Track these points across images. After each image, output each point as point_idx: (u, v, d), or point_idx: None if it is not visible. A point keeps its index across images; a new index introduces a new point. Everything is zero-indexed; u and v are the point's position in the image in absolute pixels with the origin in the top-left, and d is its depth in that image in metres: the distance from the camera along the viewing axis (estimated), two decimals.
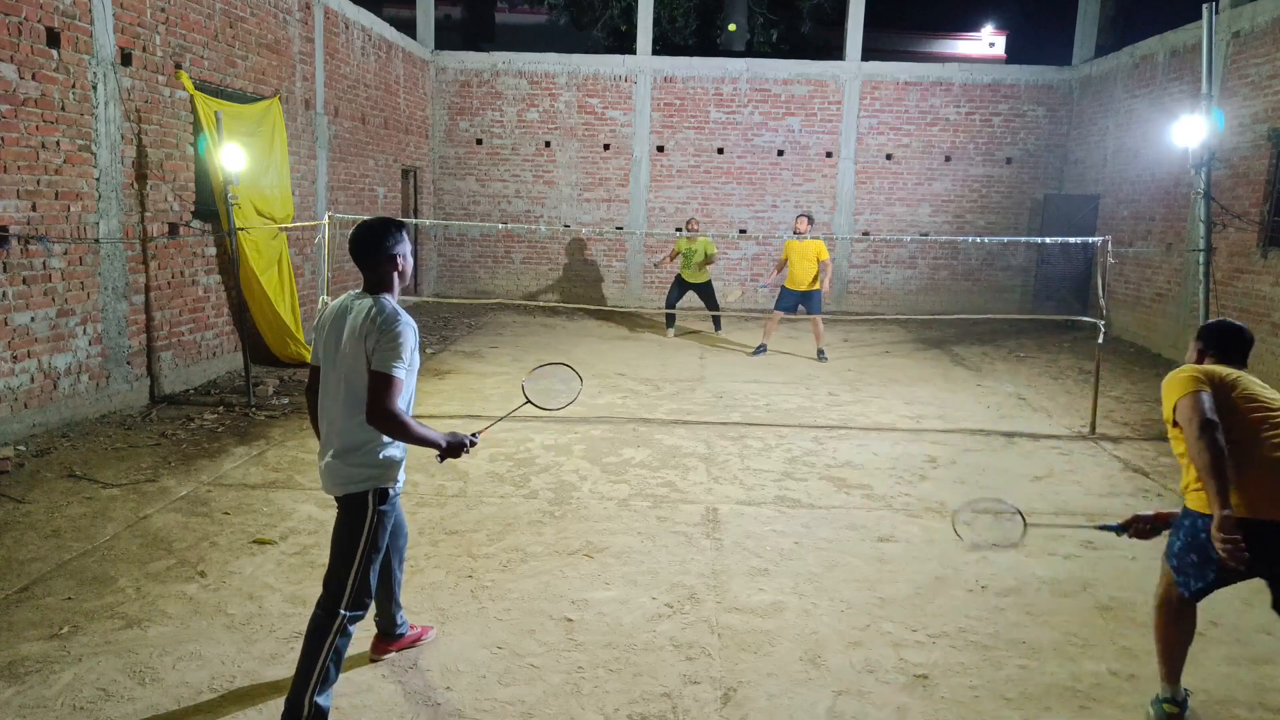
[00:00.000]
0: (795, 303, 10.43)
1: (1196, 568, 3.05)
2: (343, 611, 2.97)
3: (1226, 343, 3.29)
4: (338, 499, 3.04)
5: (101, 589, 4.06)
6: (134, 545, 4.56)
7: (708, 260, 11.56)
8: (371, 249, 2.94)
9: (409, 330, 2.88)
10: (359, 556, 2.99)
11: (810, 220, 10.32)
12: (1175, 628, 3.22)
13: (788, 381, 9.21)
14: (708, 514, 5.27)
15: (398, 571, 3.50)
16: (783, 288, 10.55)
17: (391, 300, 2.96)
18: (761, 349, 10.82)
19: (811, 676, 3.51)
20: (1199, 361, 3.31)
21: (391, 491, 3.05)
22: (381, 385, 2.81)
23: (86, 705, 3.17)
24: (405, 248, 2.99)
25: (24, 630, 3.67)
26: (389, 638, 3.57)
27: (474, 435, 3.11)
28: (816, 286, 10.31)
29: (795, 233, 10.25)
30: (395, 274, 2.98)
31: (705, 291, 11.72)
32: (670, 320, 12.08)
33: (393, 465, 3.03)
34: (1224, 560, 2.82)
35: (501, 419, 3.85)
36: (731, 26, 13.14)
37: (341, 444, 2.96)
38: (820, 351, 10.54)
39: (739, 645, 3.74)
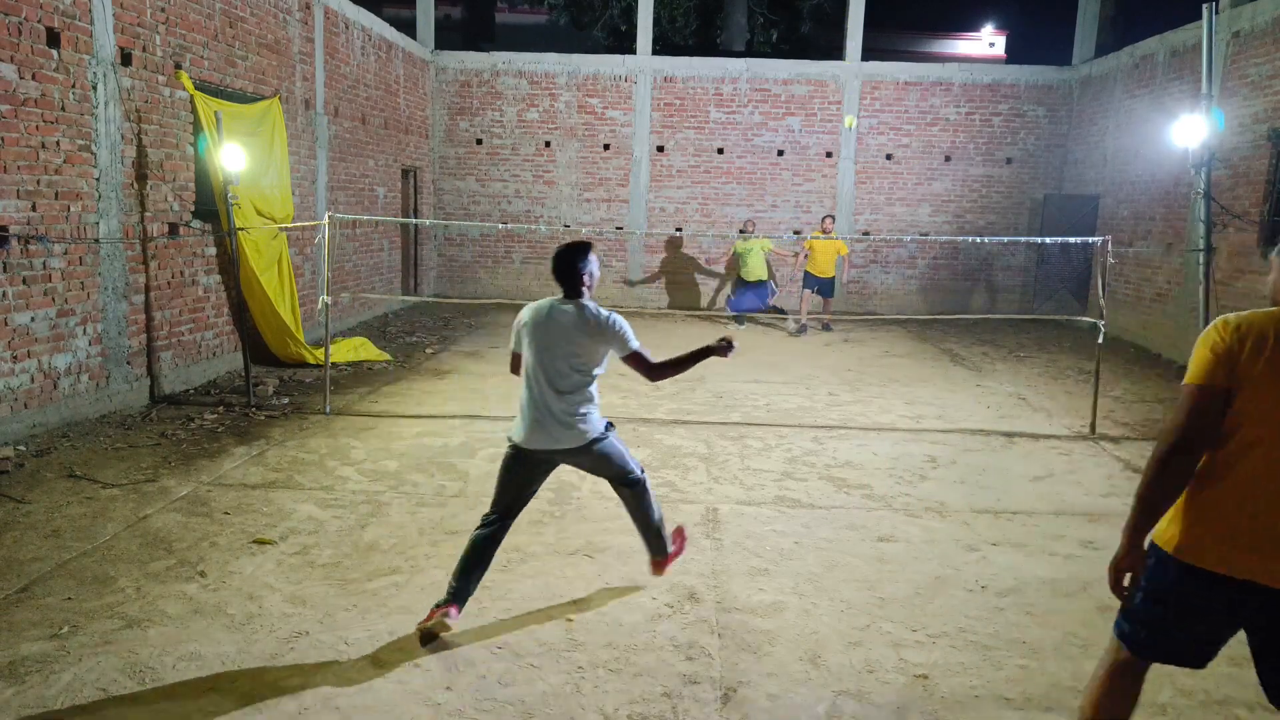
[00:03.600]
0: (816, 285, 12.49)
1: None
2: (642, 476, 4.06)
3: None
4: (578, 449, 3.81)
5: (101, 589, 4.06)
6: (134, 545, 4.56)
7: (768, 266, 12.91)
8: (570, 267, 3.80)
9: (623, 319, 3.82)
10: (625, 452, 4.01)
11: (834, 219, 12.99)
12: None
13: (788, 381, 9.21)
14: (708, 514, 5.27)
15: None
16: (807, 272, 12.51)
17: (593, 303, 3.83)
18: (803, 329, 12.40)
19: (811, 676, 3.51)
20: None
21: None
22: (641, 358, 3.80)
23: (86, 705, 3.16)
24: (594, 266, 3.86)
25: (24, 630, 3.67)
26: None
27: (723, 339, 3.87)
28: (833, 274, 12.52)
29: (822, 231, 12.45)
30: (585, 286, 3.84)
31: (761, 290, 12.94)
32: (740, 320, 13.23)
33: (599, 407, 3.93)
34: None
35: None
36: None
37: (569, 410, 3.75)
38: (826, 325, 12.75)
39: (739, 645, 3.74)
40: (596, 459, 3.91)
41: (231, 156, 7.24)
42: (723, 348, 3.77)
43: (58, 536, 4.63)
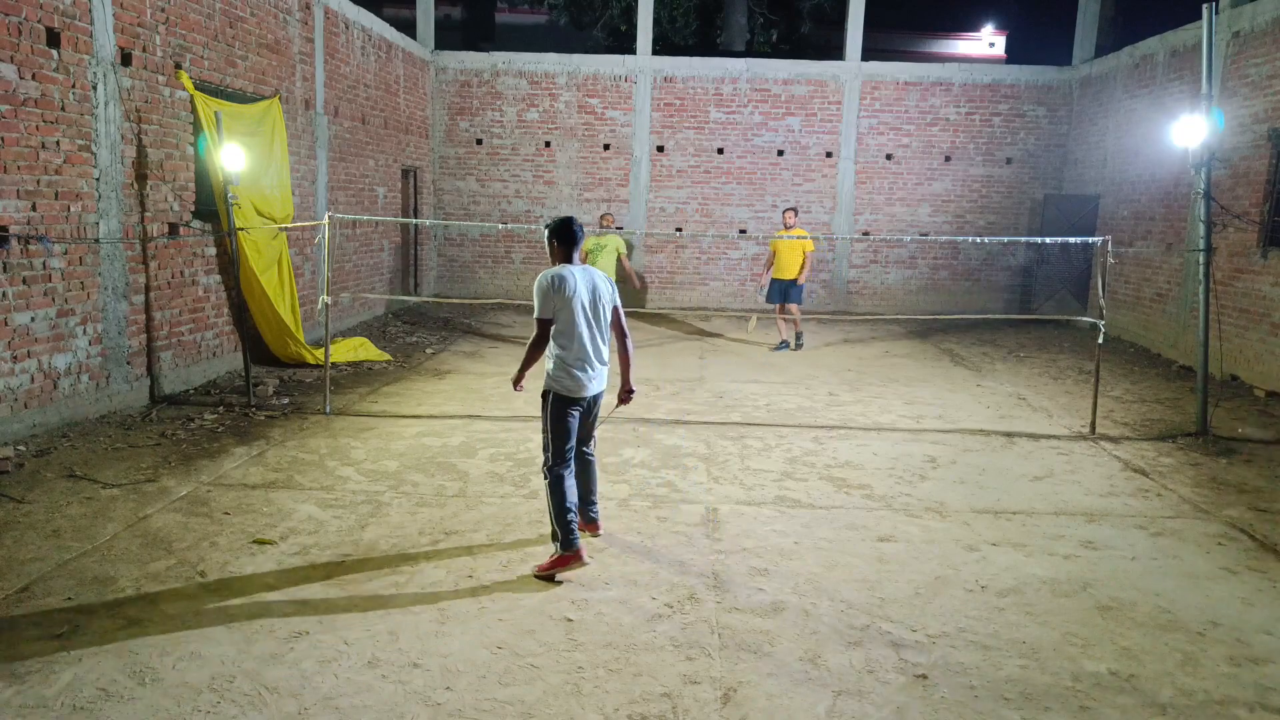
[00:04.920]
0: (779, 294, 11.05)
1: None
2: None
3: None
4: (601, 392, 4.51)
5: (101, 589, 4.06)
6: (134, 545, 4.56)
7: (620, 266, 11.66)
8: (576, 235, 4.52)
9: None
10: None
11: (796, 213, 11.09)
12: None
13: (788, 381, 9.21)
14: (708, 514, 5.27)
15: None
16: (772, 279, 11.14)
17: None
18: (784, 345, 11.17)
19: (811, 676, 3.51)
20: None
21: None
22: (620, 314, 4.59)
23: (86, 705, 3.17)
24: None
25: (24, 630, 3.67)
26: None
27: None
28: (794, 275, 10.94)
29: (785, 228, 10.94)
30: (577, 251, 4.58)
31: None
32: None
33: None
34: None
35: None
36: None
37: (605, 355, 4.48)
38: (798, 335, 11.18)
39: (739, 645, 3.74)
40: (597, 406, 4.55)
41: (231, 156, 7.25)
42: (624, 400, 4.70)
43: (58, 536, 4.63)
